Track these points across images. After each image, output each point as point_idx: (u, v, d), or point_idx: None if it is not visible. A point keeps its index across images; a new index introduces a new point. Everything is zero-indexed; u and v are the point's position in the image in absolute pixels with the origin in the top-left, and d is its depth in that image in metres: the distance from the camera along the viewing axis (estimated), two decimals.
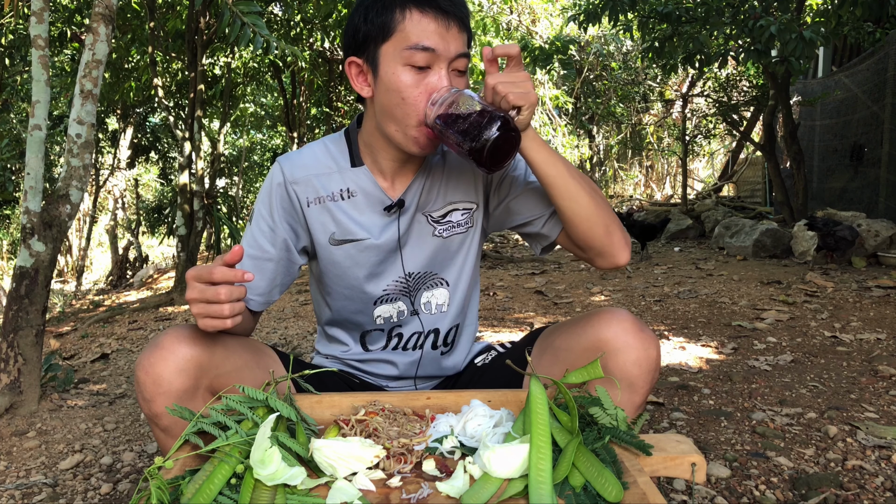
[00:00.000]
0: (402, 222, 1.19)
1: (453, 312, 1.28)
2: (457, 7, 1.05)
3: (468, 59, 1.08)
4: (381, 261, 1.20)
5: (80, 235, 11.14)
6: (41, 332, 2.22)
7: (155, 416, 0.98)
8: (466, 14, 1.08)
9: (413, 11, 1.03)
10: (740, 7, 4.74)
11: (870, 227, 4.53)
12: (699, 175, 14.44)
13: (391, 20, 1.04)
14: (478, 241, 1.28)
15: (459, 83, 1.08)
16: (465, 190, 1.23)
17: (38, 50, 2.26)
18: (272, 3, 6.35)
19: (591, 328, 1.08)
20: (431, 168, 1.21)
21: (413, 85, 1.04)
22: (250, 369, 1.10)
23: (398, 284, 1.23)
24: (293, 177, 1.18)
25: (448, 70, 1.05)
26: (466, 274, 1.28)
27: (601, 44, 9.94)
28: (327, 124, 9.23)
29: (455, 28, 1.05)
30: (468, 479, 0.83)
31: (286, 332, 3.64)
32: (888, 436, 1.73)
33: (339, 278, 1.22)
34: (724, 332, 3.00)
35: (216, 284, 0.92)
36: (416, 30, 1.03)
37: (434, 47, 1.03)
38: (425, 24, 1.03)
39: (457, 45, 1.05)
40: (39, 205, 2.22)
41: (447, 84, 1.05)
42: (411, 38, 1.03)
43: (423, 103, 1.05)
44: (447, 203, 1.22)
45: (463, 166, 1.22)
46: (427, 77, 1.05)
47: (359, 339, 1.30)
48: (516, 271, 5.29)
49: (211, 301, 0.92)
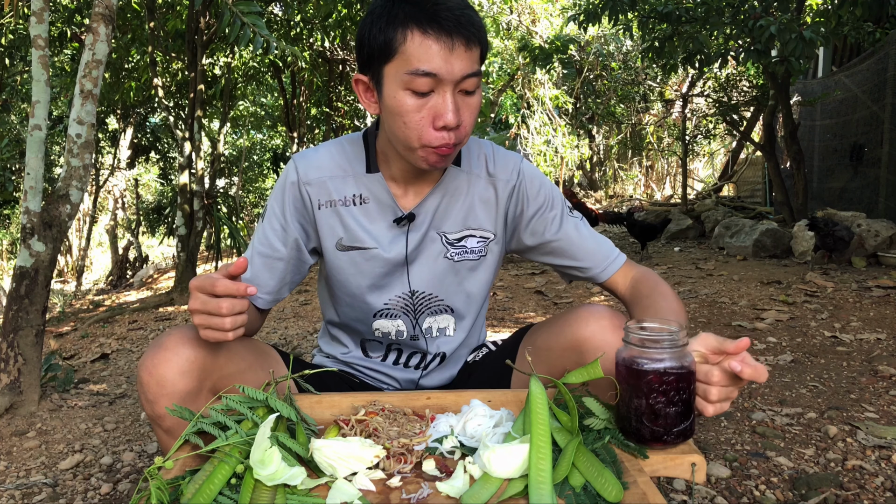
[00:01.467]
0: (411, 237, 1.17)
1: (460, 337, 1.27)
2: (463, 26, 0.97)
3: (478, 77, 1.01)
4: (386, 273, 1.18)
5: (80, 235, 11.13)
6: (41, 332, 2.22)
7: (158, 417, 0.98)
8: (475, 30, 0.99)
9: (415, 32, 0.96)
10: (740, 7, 4.74)
11: (870, 227, 4.53)
12: (699, 175, 14.45)
13: (393, 40, 0.98)
14: (490, 271, 1.24)
15: (468, 103, 1.02)
16: (486, 218, 1.19)
17: (38, 50, 2.26)
18: (272, 3, 6.35)
19: (568, 327, 1.07)
20: (453, 187, 1.17)
21: (415, 110, 0.99)
22: (253, 371, 1.10)
23: (400, 301, 1.21)
24: (307, 177, 1.15)
25: (454, 92, 0.99)
26: (475, 303, 1.25)
27: (601, 44, 9.94)
28: (327, 124, 9.23)
29: (461, 48, 0.97)
30: (468, 479, 0.83)
31: (286, 332, 3.64)
32: (888, 436, 1.73)
33: (342, 284, 1.21)
34: (724, 332, 3.00)
35: (219, 297, 0.91)
36: (418, 52, 0.96)
37: (436, 72, 0.96)
38: (427, 46, 0.96)
39: (463, 65, 0.98)
40: (39, 205, 2.22)
41: (452, 108, 0.98)
42: (412, 62, 0.97)
43: (426, 127, 1.00)
44: (465, 227, 1.19)
45: (486, 193, 1.19)
46: (430, 101, 0.99)
47: (359, 343, 1.30)
48: (516, 271, 5.29)
49: (212, 313, 0.91)
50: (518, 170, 1.20)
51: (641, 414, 0.86)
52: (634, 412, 0.87)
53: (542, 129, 8.52)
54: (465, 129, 1.02)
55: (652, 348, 0.85)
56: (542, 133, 8.51)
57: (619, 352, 0.89)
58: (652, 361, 0.85)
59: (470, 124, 1.03)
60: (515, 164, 1.21)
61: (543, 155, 8.39)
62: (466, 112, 1.02)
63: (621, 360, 0.88)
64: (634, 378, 0.86)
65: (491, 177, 1.19)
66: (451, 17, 0.96)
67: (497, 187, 1.19)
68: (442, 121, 0.99)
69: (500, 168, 1.20)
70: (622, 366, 0.88)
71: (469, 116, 1.02)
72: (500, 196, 1.19)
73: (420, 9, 0.96)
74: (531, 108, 8.53)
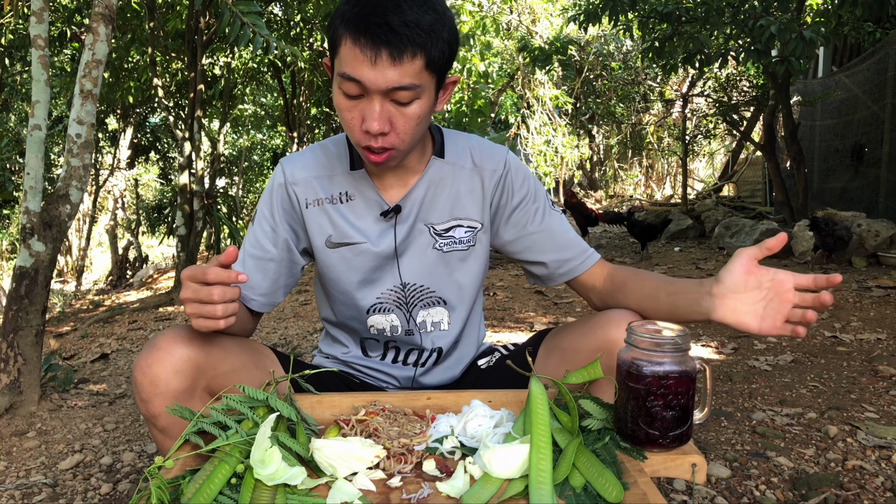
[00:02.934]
0: (399, 230, 1.18)
1: (455, 331, 1.27)
2: (393, 40, 0.93)
3: (413, 91, 0.98)
4: (376, 267, 1.19)
5: (79, 235, 11.13)
6: (41, 332, 2.22)
7: (153, 416, 0.99)
8: (412, 43, 0.94)
9: (347, 38, 0.96)
10: (740, 7, 4.74)
11: (870, 227, 4.53)
12: (699, 175, 14.45)
13: (336, 39, 0.98)
14: (480, 261, 1.25)
15: (403, 112, 1.00)
16: (472, 208, 1.20)
17: (38, 50, 2.26)
18: (272, 3, 6.35)
19: (599, 328, 1.07)
20: (438, 178, 1.18)
21: (347, 109, 1.01)
22: (248, 370, 1.10)
23: (392, 294, 1.22)
24: (294, 178, 1.17)
25: (383, 100, 0.98)
26: (468, 294, 1.26)
27: (601, 44, 9.94)
28: (327, 124, 9.23)
29: (386, 60, 0.94)
30: (468, 479, 0.83)
31: (286, 332, 3.64)
32: (888, 436, 1.73)
33: (334, 282, 1.22)
34: (725, 331, 3.00)
35: (210, 285, 0.92)
36: (347, 58, 0.96)
37: (360, 79, 0.96)
38: (354, 53, 0.95)
39: (388, 78, 0.95)
40: (39, 205, 2.22)
41: (377, 115, 0.98)
42: (343, 66, 0.97)
43: (356, 126, 1.01)
44: (452, 217, 1.20)
45: (472, 183, 1.20)
46: (360, 103, 1.00)
47: (358, 342, 1.30)
48: (516, 271, 5.28)
49: (204, 301, 0.92)
50: (504, 160, 1.21)
51: (638, 416, 0.86)
52: (631, 414, 0.87)
53: (542, 129, 8.53)
54: (398, 136, 1.02)
55: (653, 351, 0.85)
56: (542, 133, 8.51)
57: (621, 353, 0.89)
58: (652, 364, 0.85)
59: (406, 132, 1.02)
60: (502, 156, 1.22)
61: (543, 155, 8.39)
62: (401, 121, 1.00)
63: (622, 362, 0.88)
64: (633, 380, 0.86)
65: (476, 167, 1.20)
66: (382, 31, 0.93)
67: (483, 177, 1.20)
68: (366, 125, 1.00)
69: (485, 159, 1.21)
70: (622, 367, 0.88)
71: (405, 125, 1.01)
72: (487, 185, 1.20)
73: (359, 16, 0.95)
74: (531, 108, 8.53)
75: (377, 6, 0.95)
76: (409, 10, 0.95)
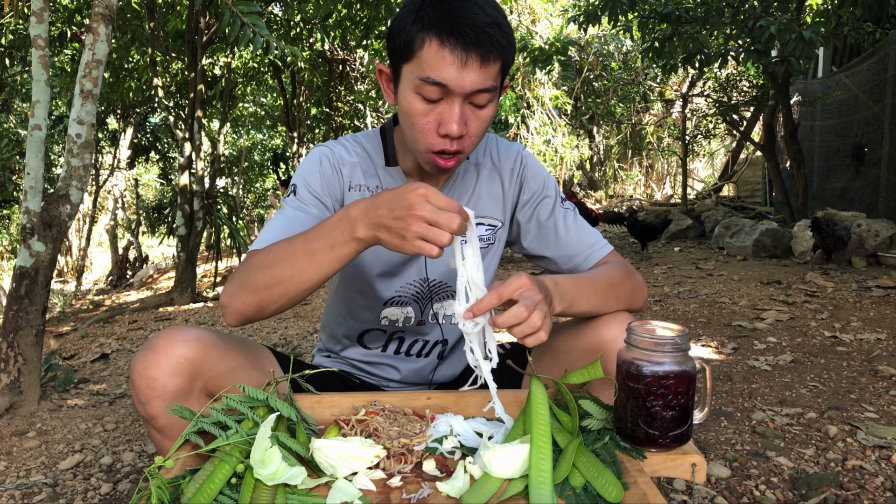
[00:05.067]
0: None
1: None
2: (481, 42, 0.96)
3: (492, 93, 1.01)
4: (405, 262, 1.21)
5: (80, 235, 11.14)
6: (41, 332, 2.22)
7: (150, 417, 0.99)
8: (496, 47, 0.97)
9: (433, 41, 0.96)
10: (740, 7, 4.74)
11: (870, 227, 4.53)
12: (699, 175, 14.46)
13: (413, 42, 0.98)
14: (496, 259, 1.28)
15: (478, 115, 1.02)
16: (494, 207, 1.23)
17: (38, 50, 2.26)
18: (272, 3, 6.35)
19: (591, 330, 1.07)
20: (462, 176, 1.21)
21: (422, 114, 1.01)
22: (245, 370, 1.10)
23: (414, 288, 1.23)
24: (341, 159, 1.18)
25: (462, 103, 1.00)
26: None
27: (601, 44, 9.95)
28: (327, 124, 9.23)
29: (475, 63, 0.96)
30: (468, 479, 0.83)
31: (286, 332, 3.64)
32: (888, 436, 1.73)
33: (357, 269, 1.22)
34: (724, 332, 3.00)
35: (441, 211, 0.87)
36: (432, 61, 0.97)
37: (446, 83, 0.97)
38: (441, 56, 0.96)
39: (475, 80, 0.97)
40: (39, 205, 2.22)
41: (457, 118, 0.98)
42: (425, 69, 0.97)
43: (431, 131, 1.01)
44: (476, 216, 1.21)
45: (493, 182, 1.22)
46: (438, 107, 1.00)
47: (356, 338, 1.30)
48: (516, 271, 5.29)
49: (438, 225, 0.86)
50: (521, 157, 1.25)
51: (638, 416, 0.86)
52: (631, 414, 0.87)
53: (541, 129, 8.53)
54: (470, 138, 1.04)
55: (653, 351, 0.85)
56: (541, 133, 8.51)
57: (621, 352, 0.89)
58: (652, 364, 0.85)
59: (477, 135, 1.05)
60: (518, 152, 1.26)
61: (543, 155, 8.40)
62: (475, 123, 1.03)
63: (622, 362, 0.88)
64: (633, 380, 0.86)
65: (496, 167, 1.24)
66: (472, 32, 0.95)
67: (503, 176, 1.23)
68: (445, 129, 1.00)
69: (504, 157, 1.24)
70: (622, 367, 0.88)
71: (477, 127, 1.04)
72: (506, 184, 1.24)
73: (444, 18, 0.96)
74: (531, 108, 8.53)
75: (461, 8, 0.96)
76: (491, 12, 0.98)
